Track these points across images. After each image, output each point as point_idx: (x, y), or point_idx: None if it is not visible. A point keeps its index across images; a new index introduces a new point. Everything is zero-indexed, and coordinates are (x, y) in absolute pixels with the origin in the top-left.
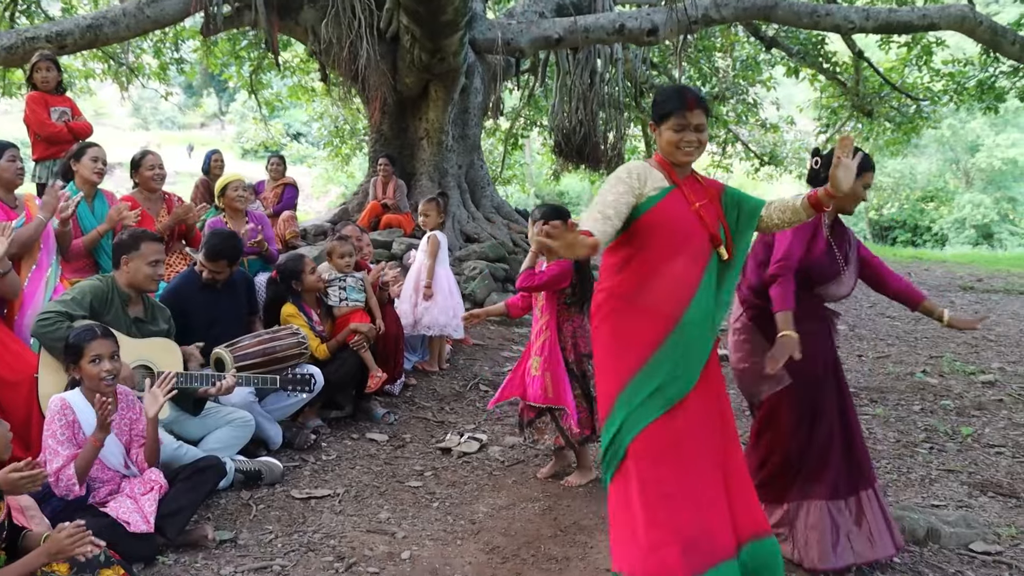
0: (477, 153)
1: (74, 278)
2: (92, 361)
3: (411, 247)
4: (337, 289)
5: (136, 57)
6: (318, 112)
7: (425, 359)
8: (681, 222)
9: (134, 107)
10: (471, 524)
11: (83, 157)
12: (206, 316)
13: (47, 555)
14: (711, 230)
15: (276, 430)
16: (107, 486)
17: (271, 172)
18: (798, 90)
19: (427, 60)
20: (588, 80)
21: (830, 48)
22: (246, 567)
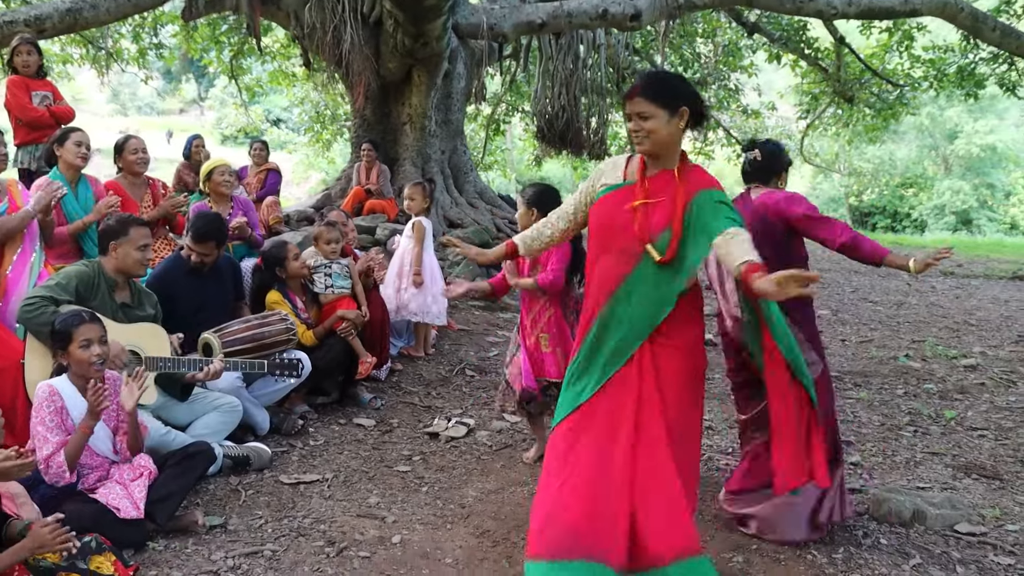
0: (460, 138)
1: (58, 263)
2: (82, 346)
3: (395, 232)
4: (323, 276)
5: (115, 42)
6: (299, 98)
7: (410, 344)
8: (613, 220)
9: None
10: (461, 508)
11: (67, 142)
12: (193, 301)
13: (29, 550)
14: (644, 231)
15: (263, 416)
16: (96, 472)
17: (254, 158)
18: (778, 76)
19: (410, 45)
20: (571, 65)
21: (812, 34)
22: (237, 552)
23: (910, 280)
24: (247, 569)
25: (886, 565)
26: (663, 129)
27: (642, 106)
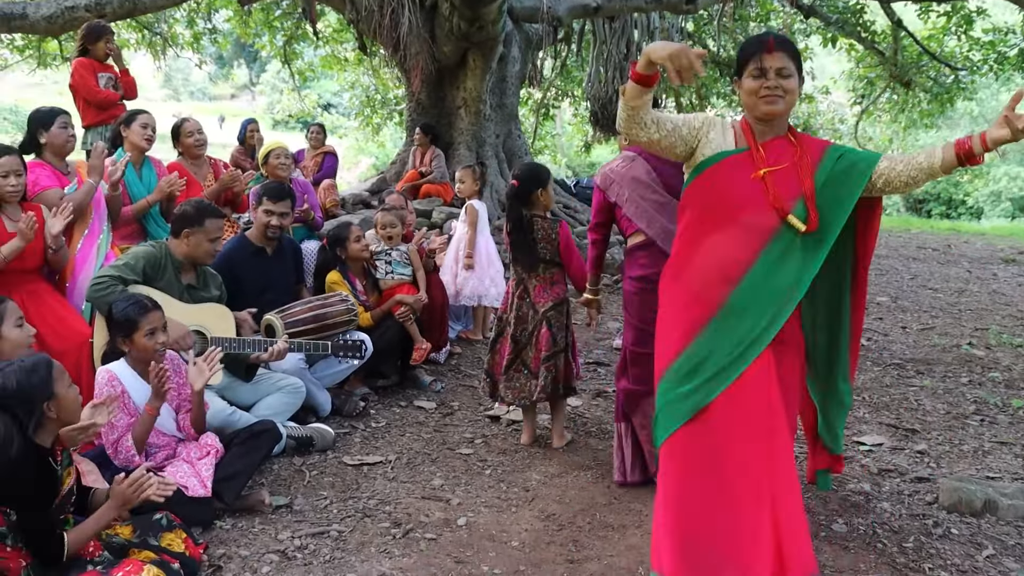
0: (515, 122)
1: (123, 244)
2: (147, 335)
3: (451, 216)
4: (384, 263)
5: (170, 27)
6: (349, 82)
7: (469, 328)
8: (735, 190)
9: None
10: (525, 491)
11: (133, 123)
12: (257, 282)
13: (115, 508)
14: (778, 200)
15: (325, 397)
16: (164, 451)
17: (311, 141)
18: (830, 60)
19: (466, 28)
20: (624, 50)
21: (868, 17)
22: (303, 532)
23: (971, 267)
24: (314, 549)
25: (959, 556)
26: (795, 93)
27: (784, 62)
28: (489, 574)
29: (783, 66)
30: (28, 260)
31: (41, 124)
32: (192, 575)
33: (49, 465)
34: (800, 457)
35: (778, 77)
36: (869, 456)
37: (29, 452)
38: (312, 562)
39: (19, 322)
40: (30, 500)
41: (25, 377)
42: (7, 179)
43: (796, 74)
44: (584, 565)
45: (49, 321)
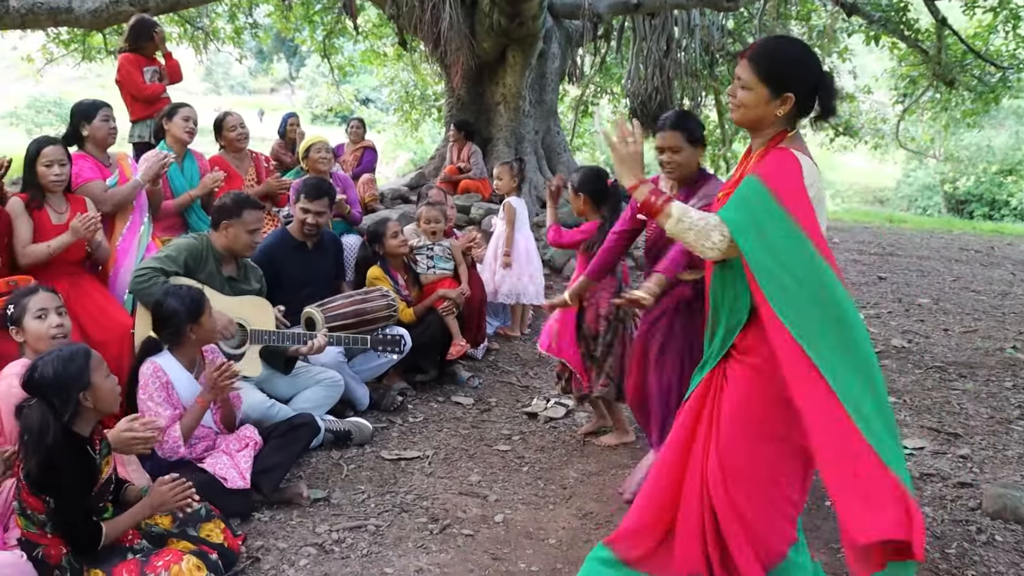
0: (554, 119)
1: (165, 236)
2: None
3: (490, 212)
4: (425, 257)
5: (211, 21)
6: (388, 78)
7: (507, 324)
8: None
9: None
10: (562, 489)
11: (175, 116)
12: (297, 276)
13: (151, 507)
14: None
15: (363, 391)
16: (203, 442)
17: (351, 135)
18: (872, 59)
19: (506, 24)
20: (664, 47)
21: (912, 15)
22: (341, 526)
23: (1015, 270)
24: (351, 543)
25: (1003, 563)
26: (756, 107)
27: (743, 71)
28: (526, 572)
29: (741, 76)
30: (71, 252)
31: (84, 117)
32: (230, 566)
33: (87, 454)
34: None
35: (736, 84)
36: (911, 460)
37: (67, 440)
38: (349, 556)
39: (39, 314)
40: (68, 488)
41: (62, 366)
42: (51, 168)
43: (762, 88)
44: None
45: (91, 311)
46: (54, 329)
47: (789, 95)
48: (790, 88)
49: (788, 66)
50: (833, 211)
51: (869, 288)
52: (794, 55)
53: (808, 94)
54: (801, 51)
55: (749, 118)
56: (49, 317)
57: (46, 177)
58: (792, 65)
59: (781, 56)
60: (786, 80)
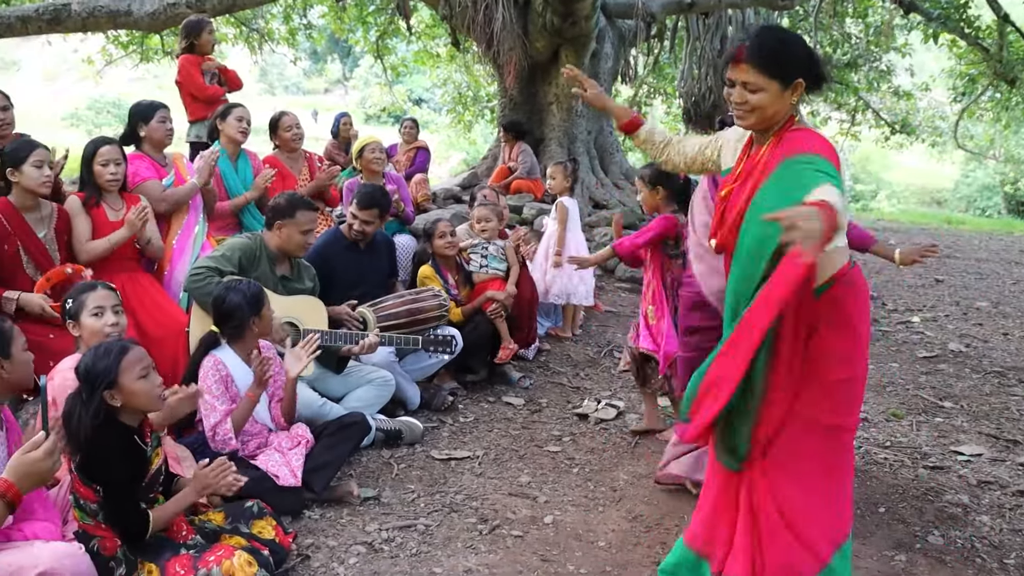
0: (606, 119)
1: (219, 235)
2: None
3: (542, 212)
4: (479, 256)
5: (266, 22)
6: (441, 78)
7: (558, 325)
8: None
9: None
10: (612, 491)
11: (228, 117)
12: (350, 276)
13: (196, 492)
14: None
15: (414, 390)
16: (256, 439)
17: (404, 135)
18: (930, 57)
19: (559, 24)
20: (718, 46)
21: (972, 12)
22: (391, 525)
23: None
24: (401, 542)
25: None
26: (772, 104)
27: (751, 76)
28: (575, 574)
29: (749, 81)
30: (128, 248)
31: (141, 117)
32: (281, 563)
33: (136, 444)
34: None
35: (744, 91)
36: (967, 467)
37: (112, 431)
38: (399, 555)
39: (96, 311)
40: (117, 477)
41: (92, 362)
42: (107, 167)
43: (769, 88)
44: None
45: (148, 308)
46: (109, 327)
47: (798, 81)
48: (796, 74)
49: (788, 54)
50: (889, 212)
51: (926, 291)
52: (785, 41)
53: (808, 72)
54: (785, 34)
55: (766, 117)
56: (105, 315)
57: (102, 176)
58: (789, 51)
59: (778, 47)
60: (791, 68)
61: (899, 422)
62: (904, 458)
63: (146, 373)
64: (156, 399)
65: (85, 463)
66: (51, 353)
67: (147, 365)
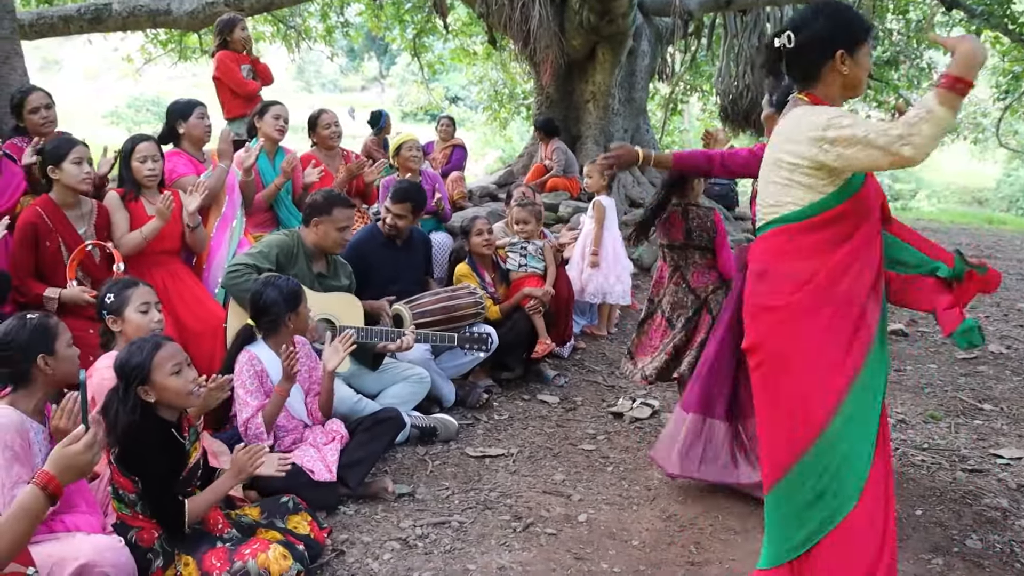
0: (643, 117)
1: (257, 232)
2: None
3: (578, 210)
4: (518, 255)
5: (303, 20)
6: (477, 76)
7: (594, 323)
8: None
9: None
10: (646, 490)
11: (266, 114)
12: (386, 272)
13: (232, 477)
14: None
15: (449, 388)
16: (291, 435)
17: (441, 133)
18: None
19: (595, 22)
20: (756, 43)
21: (1016, 8)
22: (425, 521)
23: None
24: (435, 538)
25: None
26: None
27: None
28: (608, 572)
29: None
30: (167, 242)
31: (180, 115)
32: (316, 558)
33: (174, 438)
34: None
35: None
36: (1007, 470)
37: (150, 424)
38: (433, 551)
39: (143, 308)
40: (154, 470)
41: (127, 357)
42: (145, 163)
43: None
44: (705, 568)
45: (188, 302)
46: (154, 324)
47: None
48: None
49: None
50: (928, 211)
51: None
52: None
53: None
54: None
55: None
56: (151, 312)
57: (140, 172)
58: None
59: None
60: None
61: (937, 424)
62: (942, 460)
63: (179, 369)
64: (188, 395)
65: (123, 455)
66: (92, 348)
67: (180, 361)
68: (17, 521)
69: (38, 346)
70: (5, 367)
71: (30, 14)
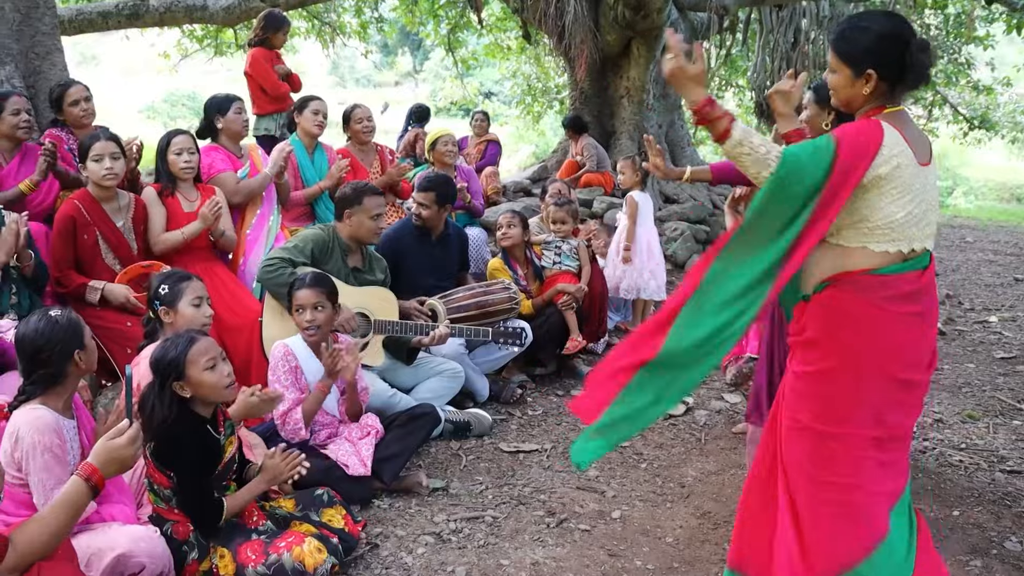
0: (677, 113)
1: (293, 227)
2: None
3: (612, 206)
4: (553, 253)
5: (338, 16)
6: (511, 71)
7: (627, 319)
8: None
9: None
10: (680, 487)
11: (305, 110)
12: (419, 264)
13: (266, 481)
14: None
15: (483, 383)
16: (327, 429)
17: (475, 128)
18: (1013, 49)
19: (630, 17)
20: (792, 39)
21: None
22: (458, 516)
23: None
24: (468, 533)
25: None
26: (844, 88)
27: (830, 55)
28: (642, 569)
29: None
30: (204, 238)
31: (218, 110)
32: (350, 551)
33: (209, 433)
34: None
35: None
36: None
37: (185, 419)
38: (466, 546)
39: (196, 301)
40: (189, 465)
41: (162, 352)
42: (180, 156)
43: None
44: None
45: (223, 297)
46: (205, 319)
47: (870, 72)
48: (869, 65)
49: (864, 44)
50: (966, 208)
51: (1004, 290)
52: (871, 30)
53: (892, 66)
54: (879, 24)
55: (841, 100)
56: (203, 307)
57: (176, 165)
58: (868, 42)
59: (857, 35)
60: (864, 58)
61: (975, 424)
62: (980, 461)
63: (213, 364)
64: (223, 390)
65: (158, 450)
66: (129, 340)
67: (214, 356)
68: (61, 512)
69: (73, 342)
70: (44, 368)
71: (69, 10)
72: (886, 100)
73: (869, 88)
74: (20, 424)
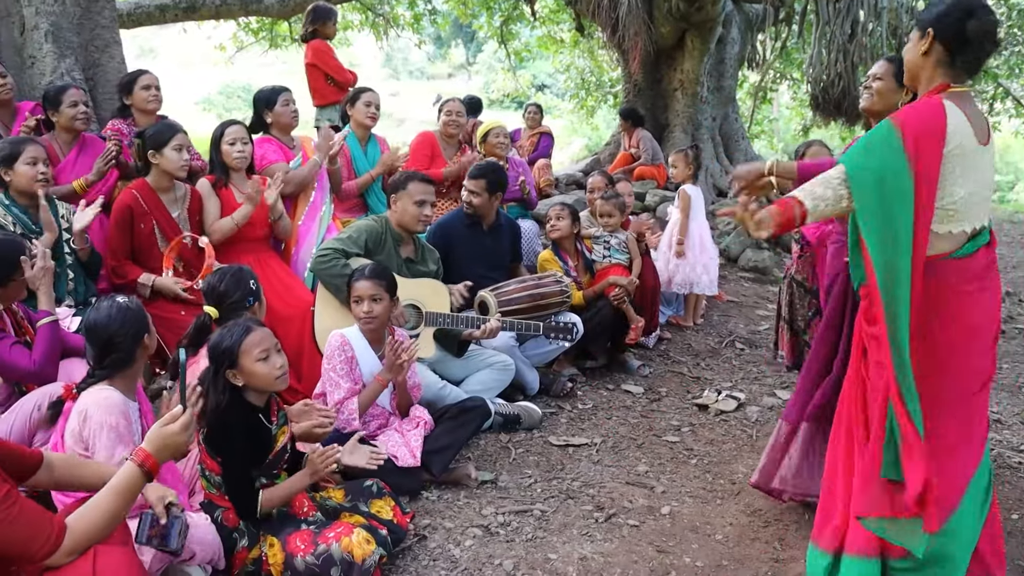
0: (732, 105)
1: (345, 217)
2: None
3: (665, 200)
4: (602, 247)
5: (391, 8)
6: (564, 64)
7: (679, 314)
8: None
9: (386, 57)
10: (731, 484)
11: (357, 102)
12: (470, 256)
13: (307, 475)
14: None
15: (534, 376)
16: (377, 420)
17: (528, 121)
18: None
19: (685, 9)
20: (849, 30)
21: None
22: (507, 509)
23: None
24: (517, 527)
25: None
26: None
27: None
28: (690, 566)
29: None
30: (256, 228)
31: (265, 104)
32: (399, 542)
33: (260, 422)
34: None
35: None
36: None
37: (237, 408)
38: (514, 539)
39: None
40: (237, 453)
41: (218, 341)
42: (234, 146)
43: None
44: (789, 565)
45: (276, 288)
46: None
47: (929, 30)
48: (929, 24)
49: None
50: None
51: None
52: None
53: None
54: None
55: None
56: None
57: (229, 155)
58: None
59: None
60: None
61: None
62: None
63: (266, 355)
64: (275, 380)
65: (210, 436)
66: (182, 328)
67: (268, 347)
68: (115, 497)
69: (142, 327)
70: (116, 352)
71: (128, 3)
72: (948, 75)
73: (925, 46)
74: (89, 404)
